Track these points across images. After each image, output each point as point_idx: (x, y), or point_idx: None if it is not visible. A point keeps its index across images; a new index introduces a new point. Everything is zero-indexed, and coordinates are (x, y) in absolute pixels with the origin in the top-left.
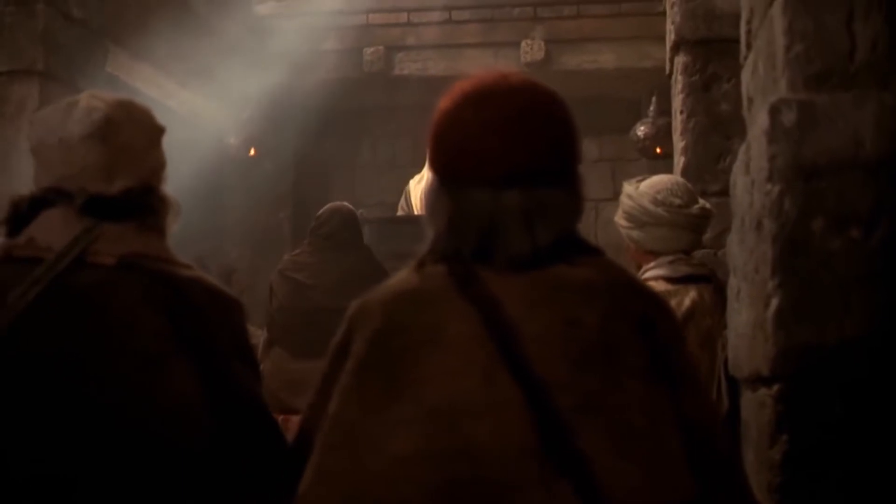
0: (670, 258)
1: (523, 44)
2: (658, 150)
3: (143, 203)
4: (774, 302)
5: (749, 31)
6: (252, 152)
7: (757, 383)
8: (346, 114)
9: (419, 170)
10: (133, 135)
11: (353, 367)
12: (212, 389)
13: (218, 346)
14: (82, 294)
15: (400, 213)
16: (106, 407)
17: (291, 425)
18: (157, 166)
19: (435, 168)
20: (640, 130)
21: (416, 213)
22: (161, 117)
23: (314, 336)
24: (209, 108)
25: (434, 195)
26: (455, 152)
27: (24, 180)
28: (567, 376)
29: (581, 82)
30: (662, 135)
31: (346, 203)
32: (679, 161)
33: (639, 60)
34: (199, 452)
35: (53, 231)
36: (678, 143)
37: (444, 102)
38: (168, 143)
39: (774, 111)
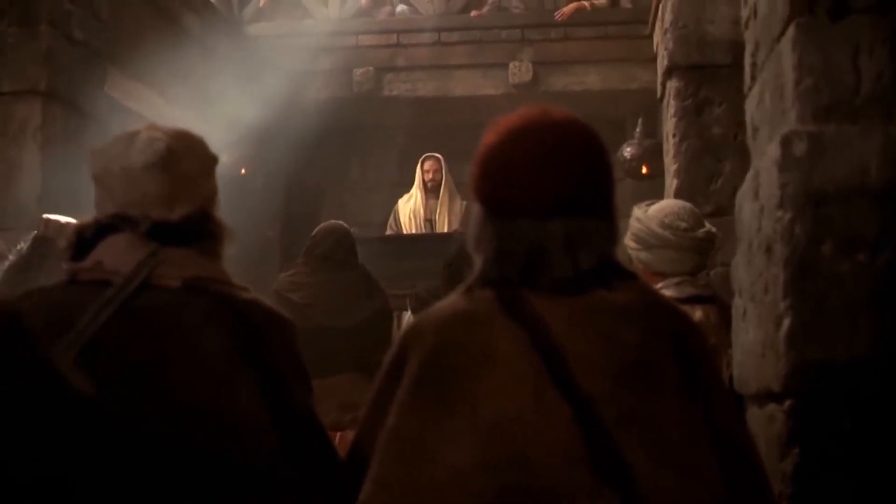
0: (677, 280)
1: (511, 65)
2: (644, 171)
3: (202, 228)
4: (786, 322)
5: (754, 64)
6: (243, 171)
7: (765, 399)
8: (336, 133)
9: (407, 189)
10: (191, 164)
11: (410, 385)
12: (273, 406)
13: (277, 364)
14: (151, 315)
15: (389, 231)
16: (180, 424)
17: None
18: (212, 193)
19: (481, 199)
20: (627, 151)
21: (404, 232)
22: None
23: (314, 355)
24: (201, 127)
25: (480, 224)
26: (501, 184)
27: (28, 197)
28: (609, 391)
29: (568, 103)
30: (649, 156)
31: (341, 222)
32: (672, 183)
33: (624, 82)
34: (267, 468)
35: (120, 255)
36: (670, 166)
37: (489, 137)
38: None
39: (786, 142)
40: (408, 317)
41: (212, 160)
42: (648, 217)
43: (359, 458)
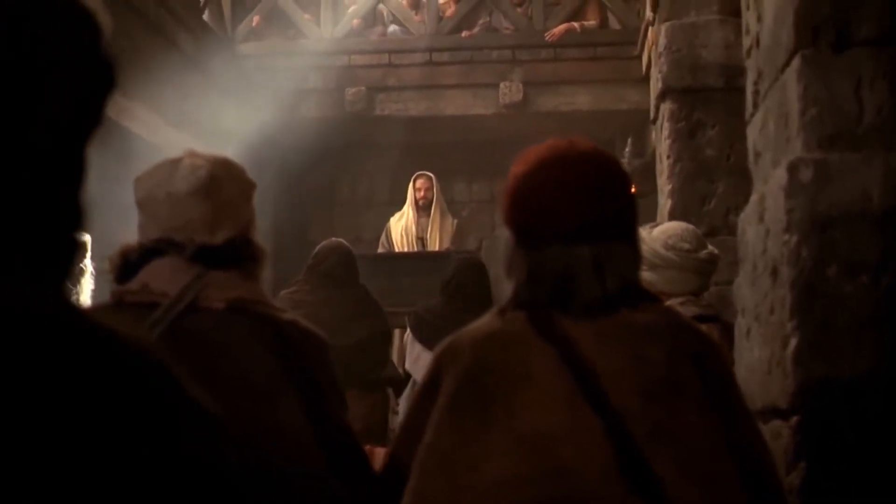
0: (681, 299)
1: (502, 86)
2: (633, 189)
3: (243, 252)
4: (793, 341)
5: (756, 92)
6: None
7: (770, 415)
8: (326, 152)
9: (398, 207)
10: (232, 190)
11: (447, 401)
12: (314, 422)
13: (316, 382)
14: (199, 336)
15: (381, 249)
16: (231, 441)
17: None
18: (252, 218)
19: (511, 226)
20: None
21: (395, 249)
22: (146, 154)
23: None
24: (194, 145)
25: (511, 250)
26: (531, 212)
27: None
28: (638, 407)
29: (557, 123)
30: (638, 175)
31: (342, 240)
32: (666, 204)
33: (613, 103)
34: (314, 483)
35: (166, 278)
36: (664, 187)
37: (518, 167)
38: None
39: (792, 169)
40: (406, 335)
41: (250, 186)
42: (653, 238)
43: (395, 473)
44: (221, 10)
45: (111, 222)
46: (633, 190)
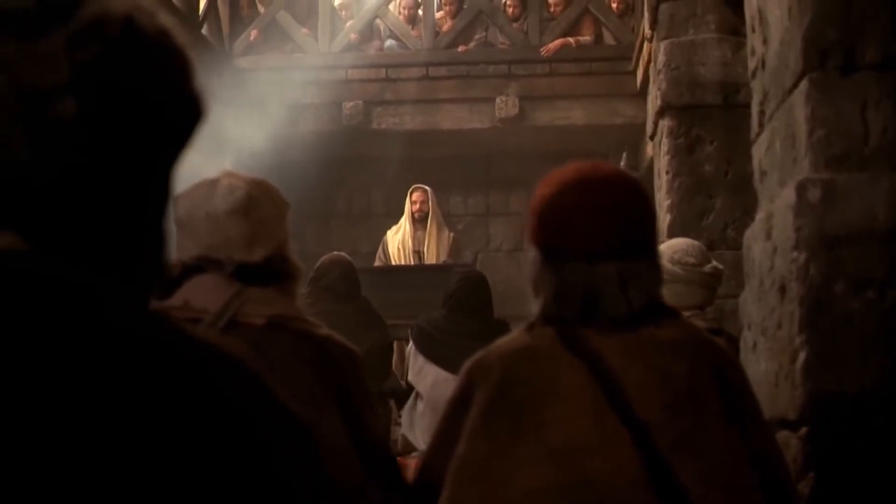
0: (687, 313)
1: (498, 100)
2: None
3: (279, 269)
4: (802, 355)
5: (762, 112)
6: None
7: (778, 426)
8: (323, 165)
9: (394, 220)
10: (268, 209)
11: (479, 414)
12: (352, 434)
13: (352, 395)
14: None
15: (377, 263)
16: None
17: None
18: (287, 237)
19: (539, 245)
20: None
21: (392, 262)
22: None
23: None
24: (192, 158)
25: (538, 268)
26: (558, 232)
27: None
28: (663, 418)
29: (552, 137)
30: None
31: (344, 254)
32: (665, 218)
33: (608, 117)
34: (356, 493)
35: (207, 294)
36: (663, 202)
37: (545, 189)
38: None
39: (801, 188)
40: (409, 347)
41: (285, 206)
42: (658, 253)
43: (427, 483)
44: (219, 24)
45: None
46: (653, 211)
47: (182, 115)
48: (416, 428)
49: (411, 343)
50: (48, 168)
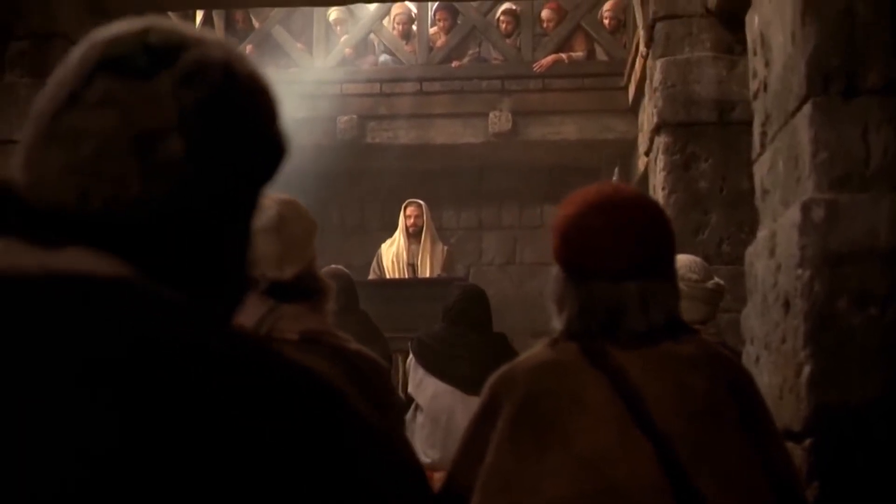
0: None
1: (491, 115)
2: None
3: (310, 286)
4: (806, 369)
5: (764, 133)
6: None
7: (783, 438)
8: (317, 178)
9: (388, 234)
10: (298, 228)
11: (506, 426)
12: None
13: (385, 407)
14: None
15: (372, 276)
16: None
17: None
18: (314, 255)
19: (562, 263)
20: None
21: (387, 276)
22: None
23: None
24: None
25: (561, 286)
26: (581, 251)
27: None
28: (682, 430)
29: (545, 152)
30: None
31: (342, 267)
32: None
33: (600, 132)
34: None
35: (241, 311)
36: None
37: (568, 209)
38: None
39: (805, 208)
40: (409, 360)
41: (314, 225)
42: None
43: (454, 493)
44: None
45: None
46: (672, 232)
47: (271, 151)
48: (415, 439)
49: (411, 356)
50: (157, 202)
